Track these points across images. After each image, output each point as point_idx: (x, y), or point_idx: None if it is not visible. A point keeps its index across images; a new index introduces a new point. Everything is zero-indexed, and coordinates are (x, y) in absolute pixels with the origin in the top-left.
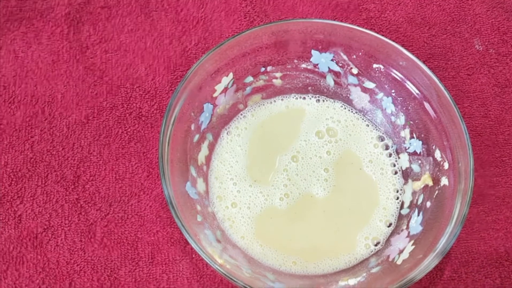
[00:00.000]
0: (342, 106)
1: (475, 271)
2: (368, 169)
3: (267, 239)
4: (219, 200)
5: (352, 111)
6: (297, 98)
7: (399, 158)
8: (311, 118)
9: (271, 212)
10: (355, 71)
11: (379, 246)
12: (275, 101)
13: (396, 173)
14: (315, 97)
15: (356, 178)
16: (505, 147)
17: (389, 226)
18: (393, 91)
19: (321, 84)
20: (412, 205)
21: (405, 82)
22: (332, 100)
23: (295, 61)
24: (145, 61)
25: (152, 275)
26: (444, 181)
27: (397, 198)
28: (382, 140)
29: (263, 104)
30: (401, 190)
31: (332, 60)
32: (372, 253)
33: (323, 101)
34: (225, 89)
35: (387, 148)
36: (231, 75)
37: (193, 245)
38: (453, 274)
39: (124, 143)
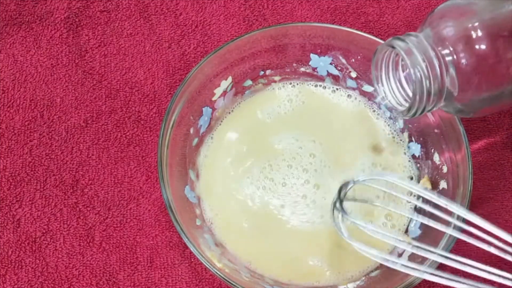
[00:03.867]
0: None
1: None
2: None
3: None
4: None
5: None
6: None
7: None
8: None
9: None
10: (354, 74)
11: None
12: None
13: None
14: None
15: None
16: (503, 150)
17: None
18: None
19: None
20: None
21: None
22: None
23: (294, 64)
24: (144, 65)
25: (151, 279)
26: (443, 184)
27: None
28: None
29: None
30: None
31: (331, 63)
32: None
33: None
34: (224, 93)
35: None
36: (230, 79)
37: (192, 249)
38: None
39: (123, 147)
